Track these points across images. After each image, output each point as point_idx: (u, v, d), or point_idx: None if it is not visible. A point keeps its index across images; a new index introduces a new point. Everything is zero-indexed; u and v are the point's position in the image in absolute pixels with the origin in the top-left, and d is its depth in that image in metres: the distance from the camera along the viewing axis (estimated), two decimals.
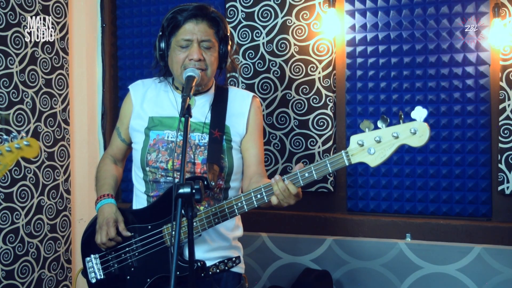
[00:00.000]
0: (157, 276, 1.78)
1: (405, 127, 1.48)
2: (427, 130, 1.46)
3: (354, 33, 2.84)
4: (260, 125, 1.94)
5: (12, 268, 2.71)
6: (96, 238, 1.83)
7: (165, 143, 1.84)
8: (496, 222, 2.66)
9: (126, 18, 3.28)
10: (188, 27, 1.79)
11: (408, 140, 1.49)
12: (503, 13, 2.55)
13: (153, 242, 1.79)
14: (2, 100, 2.65)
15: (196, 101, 1.88)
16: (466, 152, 2.68)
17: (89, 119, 3.28)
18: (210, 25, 1.81)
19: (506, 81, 2.60)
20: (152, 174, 1.84)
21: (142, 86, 1.97)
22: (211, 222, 1.73)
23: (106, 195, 1.89)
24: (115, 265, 1.85)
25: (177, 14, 1.80)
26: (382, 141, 1.51)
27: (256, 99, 1.95)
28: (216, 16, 1.83)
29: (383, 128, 1.51)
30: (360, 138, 1.54)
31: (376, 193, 2.84)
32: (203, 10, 1.80)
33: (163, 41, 1.84)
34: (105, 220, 1.81)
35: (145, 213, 1.83)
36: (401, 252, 2.67)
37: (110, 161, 2.03)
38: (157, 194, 1.84)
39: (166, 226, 1.77)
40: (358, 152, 1.55)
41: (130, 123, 1.93)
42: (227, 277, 1.88)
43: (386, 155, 1.52)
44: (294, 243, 2.85)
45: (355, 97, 2.86)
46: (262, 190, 1.67)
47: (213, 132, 1.82)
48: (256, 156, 1.90)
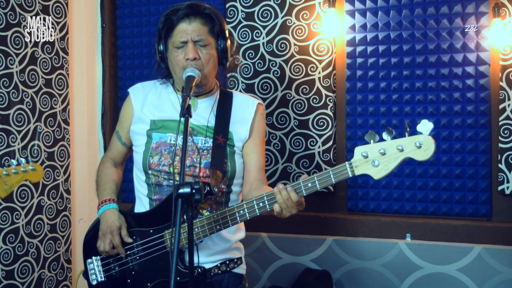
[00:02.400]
0: (157, 280, 1.78)
1: (410, 140, 1.48)
2: (432, 144, 1.46)
3: (354, 33, 2.84)
4: (263, 132, 1.94)
5: (12, 268, 2.71)
6: (99, 246, 1.83)
7: (168, 146, 1.83)
8: (496, 222, 2.66)
9: (126, 18, 3.27)
10: (181, 27, 1.78)
11: (413, 154, 1.49)
12: (503, 13, 2.55)
13: (155, 247, 1.79)
14: (2, 100, 2.65)
15: (199, 104, 1.88)
16: (466, 152, 2.68)
17: (89, 119, 3.28)
18: (203, 22, 1.80)
19: (506, 81, 2.60)
20: (155, 177, 1.84)
21: (143, 89, 1.96)
22: (213, 229, 1.73)
23: (108, 200, 1.88)
24: (116, 268, 1.85)
25: (171, 15, 1.80)
26: (387, 154, 1.51)
27: (261, 106, 1.95)
28: (210, 13, 1.81)
29: (388, 140, 1.51)
30: (364, 150, 1.54)
31: (376, 193, 2.84)
32: (195, 8, 1.79)
33: (161, 44, 1.84)
34: (109, 228, 1.80)
35: (148, 217, 1.83)
36: (401, 252, 2.67)
37: (110, 165, 2.02)
38: (160, 197, 1.84)
39: (167, 231, 1.77)
40: (362, 164, 1.55)
41: (131, 127, 1.92)
42: (228, 278, 1.88)
43: (390, 168, 1.52)
44: (294, 243, 2.85)
45: (355, 97, 2.86)
46: (265, 199, 1.66)
47: (217, 137, 1.82)
48: (257, 162, 1.89)
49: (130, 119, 1.93)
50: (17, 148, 2.73)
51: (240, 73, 2.98)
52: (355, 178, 2.86)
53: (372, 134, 1.52)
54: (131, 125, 1.93)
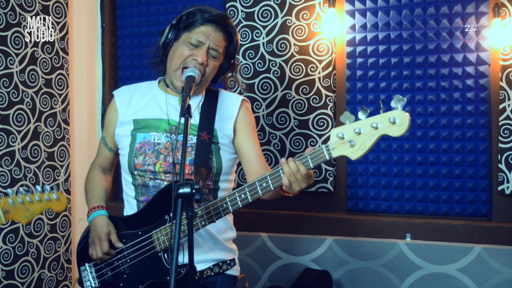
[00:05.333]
0: (148, 282, 1.76)
1: (384, 117, 1.44)
2: (406, 118, 1.41)
3: (354, 33, 2.84)
4: (251, 124, 1.90)
5: (12, 268, 2.71)
6: (92, 254, 1.82)
7: (152, 145, 1.82)
8: (496, 222, 2.66)
9: (126, 18, 3.28)
10: (205, 29, 1.78)
11: (388, 130, 1.44)
12: (503, 13, 2.55)
13: (144, 248, 1.77)
14: (2, 100, 2.65)
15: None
16: (466, 152, 2.68)
17: (89, 119, 3.28)
18: (224, 38, 1.81)
19: (506, 81, 2.60)
20: (141, 178, 1.83)
21: (128, 92, 1.95)
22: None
23: (97, 207, 1.89)
24: (109, 273, 1.84)
25: (200, 12, 1.79)
26: (362, 133, 1.46)
27: (246, 103, 1.92)
28: (233, 32, 1.83)
29: (363, 119, 1.47)
30: (340, 131, 1.49)
31: (376, 193, 2.84)
32: (225, 20, 1.80)
33: (173, 31, 1.82)
34: (97, 235, 1.80)
35: (136, 219, 1.82)
36: (401, 252, 2.67)
37: (99, 172, 2.02)
38: (146, 198, 1.83)
39: (155, 231, 1.75)
40: (339, 145, 1.50)
41: (116, 131, 1.91)
42: (221, 280, 1.86)
43: (367, 147, 1.47)
44: (294, 243, 2.85)
45: (355, 97, 2.86)
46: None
47: (201, 134, 1.80)
48: (253, 150, 1.86)
49: (115, 123, 1.92)
50: (17, 148, 2.73)
51: (240, 73, 2.97)
52: (355, 178, 2.86)
53: (347, 115, 1.48)
54: (115, 129, 1.92)
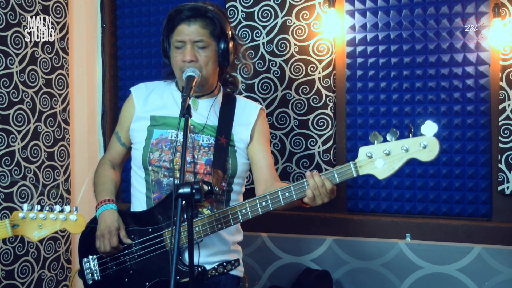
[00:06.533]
0: (156, 280, 1.77)
1: (415, 141, 1.50)
2: (437, 145, 1.48)
3: (354, 33, 2.84)
4: (267, 133, 1.97)
5: (12, 268, 2.71)
6: (99, 247, 1.81)
7: (168, 142, 1.83)
8: (496, 222, 2.66)
9: (126, 18, 3.27)
10: (181, 28, 1.79)
11: (417, 154, 1.50)
12: (503, 13, 2.55)
13: (153, 246, 1.78)
14: (2, 100, 2.65)
15: (200, 104, 1.89)
16: (466, 152, 2.68)
17: (89, 119, 3.28)
18: (204, 25, 1.79)
19: (506, 81, 2.60)
20: (155, 174, 1.83)
21: (145, 89, 1.97)
22: (214, 228, 1.73)
23: (106, 200, 1.87)
24: (113, 267, 1.84)
25: (175, 13, 1.81)
26: (392, 154, 1.53)
27: (263, 112, 1.99)
28: (212, 15, 1.80)
29: (392, 141, 1.52)
30: (369, 150, 1.55)
31: (376, 193, 2.84)
32: (197, 11, 1.79)
33: (165, 41, 1.86)
34: (107, 229, 1.79)
35: (146, 216, 1.82)
36: (401, 252, 2.67)
37: (109, 166, 2.01)
38: (159, 196, 1.83)
39: (167, 230, 1.77)
40: (367, 164, 1.56)
41: (131, 126, 1.92)
42: (225, 280, 1.87)
43: (395, 168, 1.53)
44: (294, 243, 2.85)
45: (355, 97, 2.86)
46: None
47: (219, 138, 1.83)
48: (266, 159, 1.92)
49: (131, 118, 1.93)
50: (17, 148, 2.73)
51: (240, 73, 2.98)
52: (355, 178, 2.85)
53: (376, 135, 1.54)
54: (131, 124, 1.93)
